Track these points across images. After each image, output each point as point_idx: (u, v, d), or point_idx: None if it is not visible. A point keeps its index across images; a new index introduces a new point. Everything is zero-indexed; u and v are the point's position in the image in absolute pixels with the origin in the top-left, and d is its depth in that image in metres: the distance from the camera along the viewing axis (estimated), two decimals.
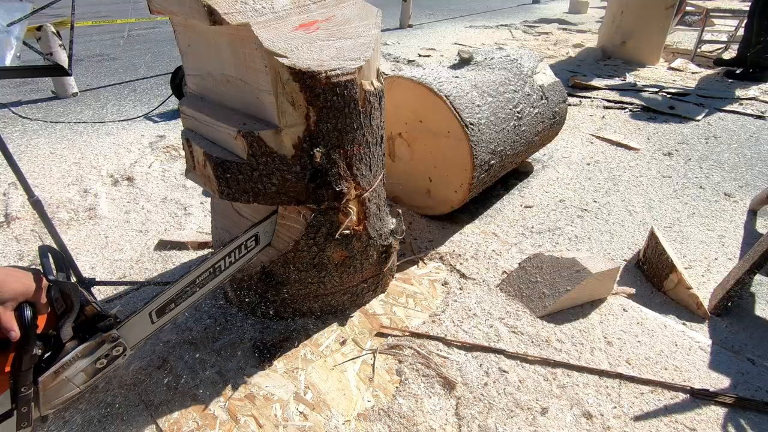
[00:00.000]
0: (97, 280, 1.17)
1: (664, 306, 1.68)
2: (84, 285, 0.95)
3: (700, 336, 1.49)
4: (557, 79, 2.41)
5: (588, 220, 2.21)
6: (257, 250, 1.30)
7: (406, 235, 2.00)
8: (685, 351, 1.42)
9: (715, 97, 3.85)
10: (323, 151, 1.17)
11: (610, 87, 4.11)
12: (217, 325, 1.52)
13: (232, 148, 1.15)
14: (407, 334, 1.47)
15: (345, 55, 1.13)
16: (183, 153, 1.83)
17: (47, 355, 0.90)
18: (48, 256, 0.89)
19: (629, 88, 4.09)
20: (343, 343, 1.45)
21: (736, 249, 1.98)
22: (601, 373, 1.34)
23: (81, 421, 1.20)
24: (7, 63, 1.55)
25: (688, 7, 6.26)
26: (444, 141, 1.87)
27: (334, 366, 1.37)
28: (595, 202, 2.37)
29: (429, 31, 6.80)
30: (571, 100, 3.80)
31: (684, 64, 4.79)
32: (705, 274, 1.84)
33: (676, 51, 5.34)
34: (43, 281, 0.83)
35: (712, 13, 5.13)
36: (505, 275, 1.73)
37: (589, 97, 3.92)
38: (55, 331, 0.88)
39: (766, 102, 3.74)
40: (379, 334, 1.48)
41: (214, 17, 0.98)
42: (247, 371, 1.35)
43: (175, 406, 1.24)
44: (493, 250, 1.90)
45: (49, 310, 0.85)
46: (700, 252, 1.97)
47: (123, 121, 3.38)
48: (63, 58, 3.38)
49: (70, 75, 2.11)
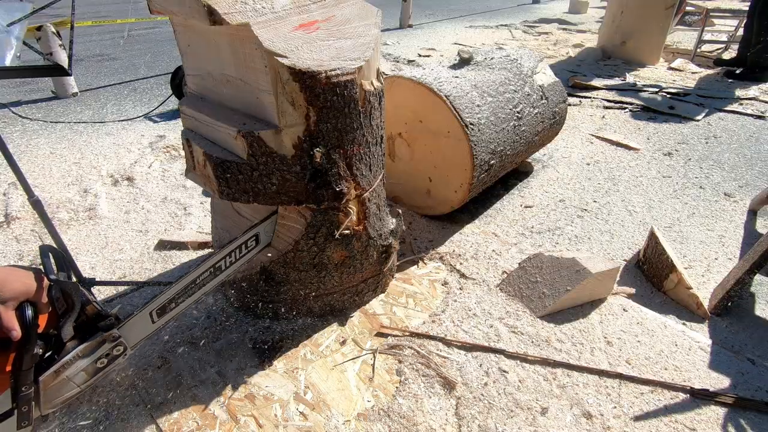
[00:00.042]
0: (97, 280, 1.17)
1: (664, 306, 1.68)
2: (84, 285, 0.95)
3: (700, 336, 1.49)
4: (557, 79, 2.41)
5: (588, 220, 2.21)
6: (257, 250, 1.30)
7: (406, 235, 2.00)
8: (685, 351, 1.42)
9: (715, 97, 3.85)
10: (323, 151, 1.17)
11: (610, 87, 4.11)
12: (217, 325, 1.52)
13: (232, 148, 1.15)
14: (407, 334, 1.47)
15: (345, 55, 1.13)
16: (183, 153, 1.83)
17: (48, 354, 0.90)
18: (49, 255, 0.89)
19: (629, 88, 4.09)
20: (343, 343, 1.45)
21: (736, 249, 1.99)
22: (601, 373, 1.34)
23: (81, 421, 1.20)
24: (7, 63, 1.55)
25: (688, 7, 6.26)
26: (444, 141, 1.87)
27: (334, 366, 1.37)
28: (595, 202, 2.37)
29: (429, 31, 6.80)
30: (571, 100, 3.80)
31: (684, 64, 4.79)
32: (705, 274, 1.84)
33: (676, 51, 5.34)
34: (44, 281, 0.83)
35: (712, 13, 5.13)
36: (505, 275, 1.73)
37: (589, 97, 3.92)
38: (56, 331, 0.88)
39: (766, 102, 3.74)
40: (379, 334, 1.48)
41: (214, 17, 0.98)
42: (247, 371, 1.35)
43: (175, 406, 1.24)
44: (493, 250, 1.90)
45: (50, 310, 0.85)
46: (700, 252, 1.97)
47: (123, 121, 3.38)
48: (63, 58, 3.38)
49: (70, 75, 2.11)
